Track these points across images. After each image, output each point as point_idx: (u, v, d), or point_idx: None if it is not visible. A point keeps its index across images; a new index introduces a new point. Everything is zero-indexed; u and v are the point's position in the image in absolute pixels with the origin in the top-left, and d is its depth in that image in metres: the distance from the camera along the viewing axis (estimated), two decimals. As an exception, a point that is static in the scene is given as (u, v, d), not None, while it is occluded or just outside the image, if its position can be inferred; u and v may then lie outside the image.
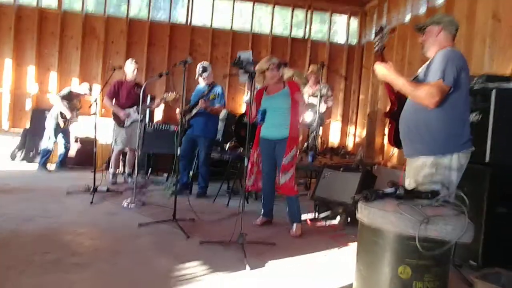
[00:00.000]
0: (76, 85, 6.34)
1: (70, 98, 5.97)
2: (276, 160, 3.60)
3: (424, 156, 2.11)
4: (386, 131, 2.72)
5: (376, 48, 2.31)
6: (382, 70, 2.18)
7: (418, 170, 2.12)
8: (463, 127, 2.11)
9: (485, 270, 1.68)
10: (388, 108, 2.54)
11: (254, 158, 3.70)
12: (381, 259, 1.64)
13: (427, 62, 2.22)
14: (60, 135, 5.98)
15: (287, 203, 3.62)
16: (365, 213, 1.71)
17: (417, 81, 2.19)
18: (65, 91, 6.01)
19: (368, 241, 1.72)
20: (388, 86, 2.39)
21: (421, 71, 2.25)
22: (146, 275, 2.41)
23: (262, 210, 3.78)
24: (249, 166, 3.67)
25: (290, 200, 3.57)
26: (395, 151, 5.54)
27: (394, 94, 2.41)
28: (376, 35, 2.33)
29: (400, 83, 2.11)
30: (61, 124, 5.89)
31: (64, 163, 6.16)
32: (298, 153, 3.74)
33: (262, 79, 3.64)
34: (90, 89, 6.21)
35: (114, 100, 5.28)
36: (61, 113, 5.89)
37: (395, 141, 2.42)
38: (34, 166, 6.09)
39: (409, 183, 2.18)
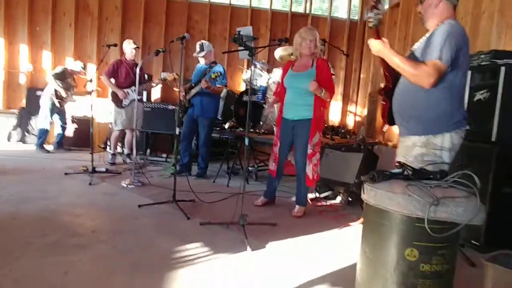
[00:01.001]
0: (70, 63, 6.20)
1: (64, 77, 5.86)
2: (293, 141, 3.46)
3: (415, 136, 2.04)
4: (380, 108, 2.63)
5: (371, 25, 2.14)
6: (377, 46, 2.05)
7: (409, 150, 2.07)
8: (457, 106, 2.01)
9: (493, 253, 1.64)
10: (383, 85, 2.44)
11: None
12: (388, 241, 1.59)
13: (425, 36, 2.09)
14: (56, 115, 5.90)
15: (297, 186, 3.52)
16: (371, 194, 1.65)
17: (413, 57, 2.08)
18: (58, 69, 5.89)
19: (374, 223, 1.67)
20: (384, 63, 2.28)
21: (417, 46, 2.12)
22: (146, 256, 2.38)
23: (264, 191, 3.72)
24: (275, 150, 3.58)
25: (301, 183, 3.47)
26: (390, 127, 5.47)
27: (389, 71, 2.31)
28: (371, 10, 2.13)
29: (396, 61, 1.98)
30: (57, 104, 5.79)
31: (62, 143, 6.11)
32: (321, 137, 3.54)
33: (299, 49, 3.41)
34: (84, 67, 6.09)
35: (113, 79, 5.17)
36: (56, 92, 5.78)
37: (389, 118, 2.34)
38: (30, 147, 6.03)
39: None
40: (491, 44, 3.96)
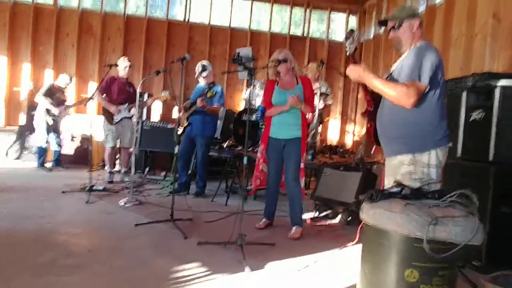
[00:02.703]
0: (59, 78, 6.16)
1: (52, 93, 5.85)
2: (284, 160, 3.45)
3: (402, 154, 2.08)
4: (365, 129, 2.72)
5: (348, 53, 2.26)
6: (357, 72, 2.10)
7: (396, 168, 2.09)
8: (439, 124, 2.06)
9: (493, 273, 1.62)
10: (365, 108, 2.51)
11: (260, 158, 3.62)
12: (387, 261, 1.58)
13: (401, 59, 2.16)
14: (51, 133, 5.88)
15: (290, 205, 3.47)
16: (370, 214, 1.65)
17: (391, 78, 2.14)
18: (45, 87, 5.87)
19: (373, 243, 1.66)
20: (364, 86, 2.36)
21: (395, 67, 2.19)
22: (143, 276, 2.35)
23: (264, 212, 3.64)
24: (260, 168, 3.60)
25: (295, 203, 3.43)
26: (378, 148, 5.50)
27: (369, 94, 2.37)
28: (346, 39, 2.28)
29: (376, 84, 2.05)
30: (50, 122, 5.79)
31: (59, 161, 6.07)
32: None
33: (274, 71, 3.51)
34: (71, 79, 6.08)
35: (105, 95, 5.19)
36: (48, 111, 5.78)
37: (376, 139, 2.38)
38: (29, 164, 6.01)
39: (388, 182, 2.14)
40: (485, 66, 4.04)
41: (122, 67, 5.26)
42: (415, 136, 2.04)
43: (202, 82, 4.88)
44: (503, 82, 2.74)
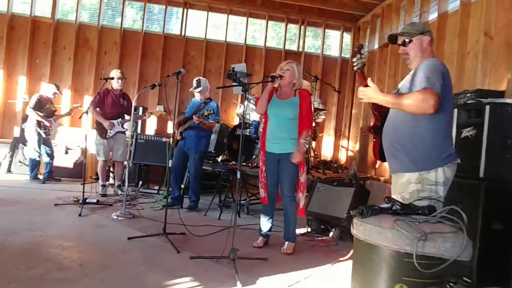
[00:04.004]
0: (43, 89, 6.10)
1: (42, 105, 5.82)
2: (279, 175, 3.36)
3: (409, 172, 2.07)
4: (371, 145, 2.73)
5: (356, 68, 2.28)
6: (369, 94, 2.11)
7: (404, 187, 2.09)
8: (446, 140, 2.08)
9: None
10: (372, 123, 2.52)
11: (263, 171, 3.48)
12: (377, 276, 1.59)
13: (410, 74, 2.16)
14: (43, 146, 5.84)
15: (284, 221, 3.41)
16: (361, 229, 1.67)
17: (400, 94, 2.15)
18: (34, 99, 5.81)
19: (363, 258, 1.67)
20: (373, 103, 2.37)
21: (403, 84, 2.21)
22: (133, 291, 2.33)
23: (261, 230, 3.52)
24: (262, 176, 3.50)
25: (289, 219, 3.37)
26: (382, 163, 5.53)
27: (378, 110, 2.39)
28: (354, 55, 2.30)
29: (390, 100, 2.06)
30: (43, 135, 5.76)
31: (51, 172, 6.02)
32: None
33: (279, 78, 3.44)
34: (58, 88, 6.01)
35: (98, 109, 5.16)
36: (39, 123, 5.76)
37: (380, 155, 2.39)
38: (21, 177, 5.96)
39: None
40: (476, 83, 4.11)
41: (115, 79, 5.27)
42: (421, 153, 2.04)
43: (197, 97, 4.91)
44: (493, 100, 2.80)
